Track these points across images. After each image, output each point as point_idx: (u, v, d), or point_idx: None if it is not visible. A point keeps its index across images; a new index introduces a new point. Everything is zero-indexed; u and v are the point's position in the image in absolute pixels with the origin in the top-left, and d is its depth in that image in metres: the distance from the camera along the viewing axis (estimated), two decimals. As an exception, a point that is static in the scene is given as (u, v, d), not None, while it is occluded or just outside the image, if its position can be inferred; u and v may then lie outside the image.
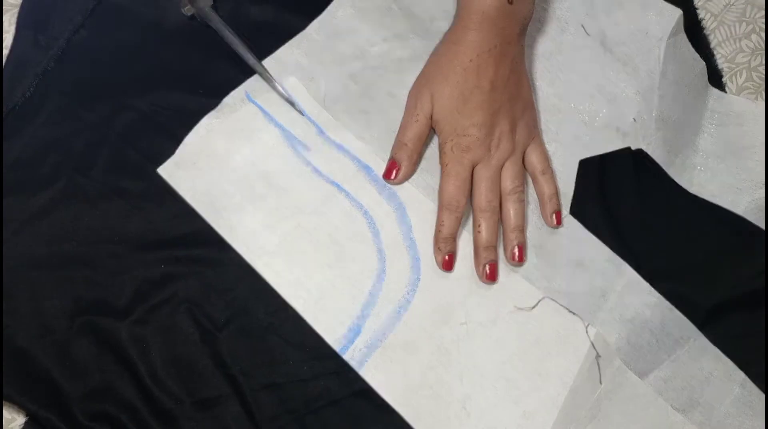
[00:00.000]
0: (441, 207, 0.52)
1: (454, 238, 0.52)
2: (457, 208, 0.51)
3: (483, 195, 0.52)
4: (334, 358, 0.49)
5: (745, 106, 0.61)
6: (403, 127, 0.53)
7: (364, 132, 0.54)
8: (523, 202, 0.54)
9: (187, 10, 0.52)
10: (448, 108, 0.51)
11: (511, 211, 0.53)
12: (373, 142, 0.54)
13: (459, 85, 0.51)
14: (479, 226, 0.52)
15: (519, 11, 0.51)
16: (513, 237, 0.53)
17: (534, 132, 0.55)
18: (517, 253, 0.52)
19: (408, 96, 0.54)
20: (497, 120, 0.52)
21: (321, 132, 0.52)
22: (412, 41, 0.56)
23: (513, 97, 0.53)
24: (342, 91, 0.54)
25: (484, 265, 0.52)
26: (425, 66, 0.53)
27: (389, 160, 0.53)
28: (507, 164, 0.53)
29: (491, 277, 0.52)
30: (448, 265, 0.52)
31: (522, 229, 0.53)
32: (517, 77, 0.53)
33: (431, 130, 0.54)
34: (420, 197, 0.53)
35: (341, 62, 0.55)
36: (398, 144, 0.53)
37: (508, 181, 0.53)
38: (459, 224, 0.52)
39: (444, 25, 0.56)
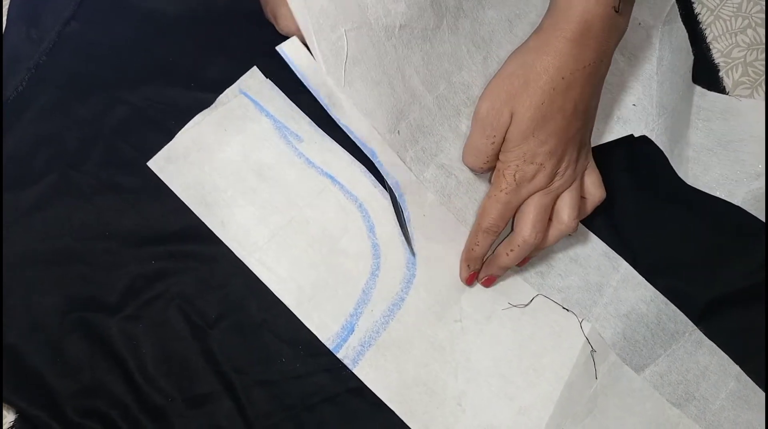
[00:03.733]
0: (479, 228, 0.46)
1: (483, 257, 0.48)
2: (495, 233, 0.46)
3: (531, 225, 0.45)
4: (328, 354, 0.46)
5: (728, 103, 0.58)
6: (475, 146, 0.45)
7: (377, 109, 0.46)
8: (569, 234, 0.48)
9: None
10: (524, 131, 0.43)
11: (553, 237, 0.47)
12: (381, 124, 0.47)
13: (544, 107, 0.42)
14: (512, 251, 0.46)
15: (620, 23, 0.44)
16: (536, 253, 0.48)
17: (590, 154, 0.48)
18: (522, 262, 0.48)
19: (480, 107, 0.44)
20: (568, 148, 0.44)
21: (327, 108, 0.44)
22: (426, 17, 0.48)
23: (586, 122, 0.46)
24: (361, 54, 0.46)
25: (489, 276, 0.48)
26: (505, 73, 0.43)
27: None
28: (566, 192, 0.46)
29: (487, 284, 0.49)
30: (471, 280, 0.48)
31: (545, 249, 0.48)
32: (597, 99, 0.46)
33: None
34: (419, 191, 0.49)
35: (364, 18, 0.46)
36: (470, 167, 0.46)
37: (566, 212, 0.46)
38: (492, 244, 0.47)
39: (469, 5, 0.50)
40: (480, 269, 0.48)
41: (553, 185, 0.45)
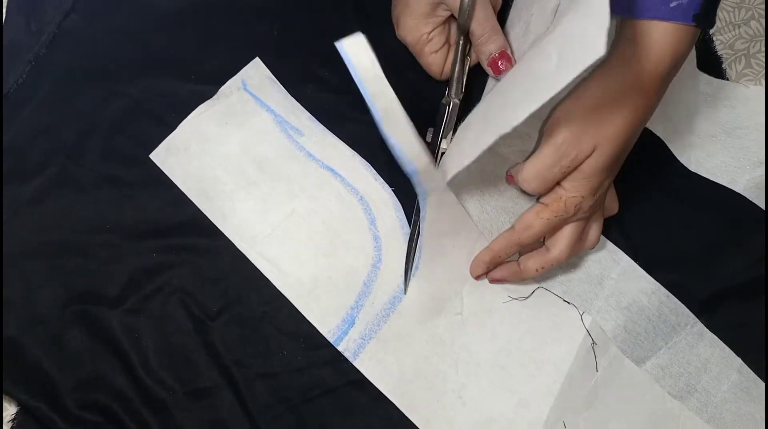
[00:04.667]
0: (517, 240, 0.44)
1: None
2: (527, 249, 0.45)
3: (568, 249, 0.44)
4: (328, 347, 0.45)
5: (734, 90, 0.57)
6: (543, 175, 0.40)
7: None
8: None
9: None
10: (602, 167, 0.40)
11: (577, 253, 0.46)
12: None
13: (623, 145, 0.40)
14: (542, 268, 0.45)
15: None
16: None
17: None
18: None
19: (559, 134, 0.40)
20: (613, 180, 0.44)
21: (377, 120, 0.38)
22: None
23: None
24: None
25: (504, 279, 0.47)
26: (590, 102, 0.40)
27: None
28: (596, 216, 0.45)
29: (494, 282, 0.48)
30: (480, 277, 0.47)
31: None
32: None
33: None
34: (445, 193, 0.46)
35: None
36: (530, 192, 0.42)
37: (596, 233, 0.45)
38: None
39: None
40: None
41: (592, 213, 0.44)
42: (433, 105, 0.48)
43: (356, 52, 0.35)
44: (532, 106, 0.34)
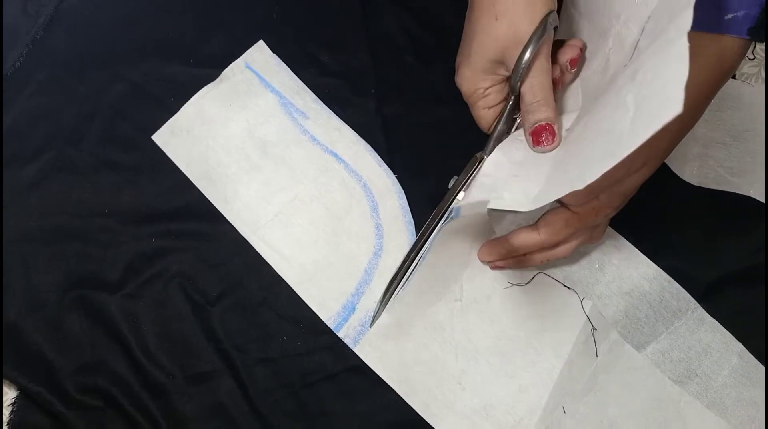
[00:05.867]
0: (541, 244, 0.43)
1: None
2: (547, 250, 0.45)
3: (576, 246, 0.44)
4: (328, 333, 0.45)
5: (740, 88, 0.56)
6: (591, 186, 0.39)
7: None
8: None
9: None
10: (641, 182, 0.40)
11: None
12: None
13: (665, 158, 0.40)
14: (548, 260, 0.45)
15: None
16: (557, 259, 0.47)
17: None
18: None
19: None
20: None
21: None
22: None
23: None
24: None
25: (506, 267, 0.47)
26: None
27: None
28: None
29: (495, 269, 0.48)
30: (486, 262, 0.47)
31: None
32: None
33: None
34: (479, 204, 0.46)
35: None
36: (568, 203, 0.42)
37: (602, 232, 0.46)
38: None
39: None
40: None
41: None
42: (423, 95, 0.48)
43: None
44: (607, 165, 0.32)
